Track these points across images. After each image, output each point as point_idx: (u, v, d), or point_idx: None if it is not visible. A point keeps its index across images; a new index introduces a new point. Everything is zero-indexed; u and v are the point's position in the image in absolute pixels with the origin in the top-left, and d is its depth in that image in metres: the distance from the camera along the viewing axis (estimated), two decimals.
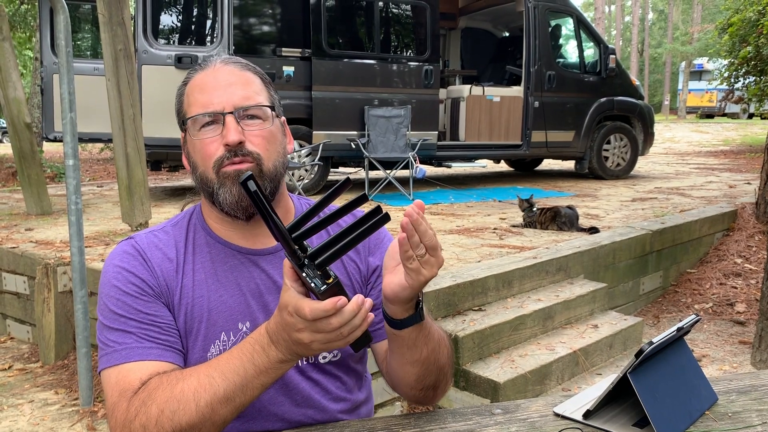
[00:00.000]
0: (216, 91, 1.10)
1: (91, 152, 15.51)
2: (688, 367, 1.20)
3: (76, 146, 3.12)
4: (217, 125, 1.10)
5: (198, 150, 1.12)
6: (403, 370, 1.11)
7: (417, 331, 1.05)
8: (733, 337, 4.17)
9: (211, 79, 1.12)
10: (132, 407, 0.97)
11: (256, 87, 1.14)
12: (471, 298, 3.41)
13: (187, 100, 1.14)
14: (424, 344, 1.08)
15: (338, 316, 0.86)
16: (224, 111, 1.09)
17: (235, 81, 1.12)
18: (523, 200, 5.09)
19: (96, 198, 6.98)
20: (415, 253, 0.94)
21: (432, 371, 1.11)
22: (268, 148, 1.12)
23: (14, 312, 4.12)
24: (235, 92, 1.10)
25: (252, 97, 1.12)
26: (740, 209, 5.82)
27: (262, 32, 6.72)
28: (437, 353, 1.10)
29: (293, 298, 0.87)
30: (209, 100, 1.10)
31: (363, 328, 0.89)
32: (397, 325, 1.04)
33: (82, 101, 4.19)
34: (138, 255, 1.11)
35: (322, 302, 0.85)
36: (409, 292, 0.98)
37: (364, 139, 6.77)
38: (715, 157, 12.58)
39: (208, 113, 1.10)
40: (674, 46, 34.09)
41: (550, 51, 7.94)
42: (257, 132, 1.11)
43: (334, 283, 0.86)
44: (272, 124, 1.14)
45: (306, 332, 0.88)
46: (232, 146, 1.08)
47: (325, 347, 0.90)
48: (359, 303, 0.87)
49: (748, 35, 11.08)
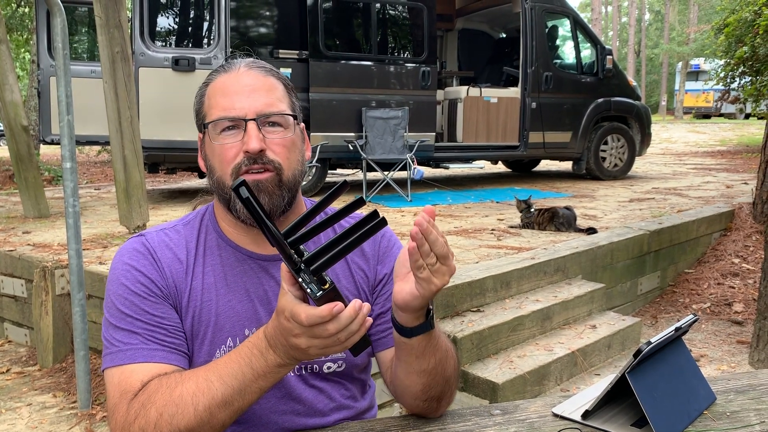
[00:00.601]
0: (239, 95, 1.08)
1: (89, 155, 15.49)
2: (686, 366, 1.20)
3: (73, 149, 3.11)
4: (238, 131, 1.08)
5: (217, 154, 1.10)
6: (409, 379, 1.09)
7: (426, 340, 1.03)
8: (731, 337, 4.18)
9: (234, 83, 1.10)
10: (132, 409, 0.97)
11: (279, 93, 1.12)
12: (469, 299, 3.41)
13: (208, 102, 1.12)
14: (432, 354, 1.06)
15: (335, 321, 0.85)
16: (246, 117, 1.07)
17: (259, 87, 1.10)
18: (520, 201, 5.09)
19: (93, 201, 6.97)
20: (425, 263, 0.92)
21: (438, 382, 1.09)
22: (289, 156, 1.10)
23: (12, 315, 4.11)
24: (258, 98, 1.09)
25: (275, 104, 1.10)
26: (737, 209, 5.83)
27: (259, 34, 6.71)
28: (444, 364, 1.09)
29: (290, 303, 0.87)
30: (231, 104, 1.08)
31: (361, 333, 0.88)
32: (407, 333, 1.02)
33: (79, 104, 4.18)
34: (148, 254, 1.10)
35: (318, 308, 0.84)
36: (419, 301, 0.96)
37: (361, 141, 6.77)
38: (712, 158, 12.60)
39: (229, 118, 1.08)
40: (671, 46, 34.16)
41: (547, 52, 7.96)
42: (279, 141, 1.09)
43: (330, 288, 0.85)
44: (293, 132, 1.12)
45: (303, 338, 0.87)
46: (253, 154, 1.06)
47: (323, 352, 0.89)
48: (356, 308, 0.86)
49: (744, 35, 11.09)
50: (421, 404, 1.13)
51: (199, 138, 1.17)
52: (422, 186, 7.73)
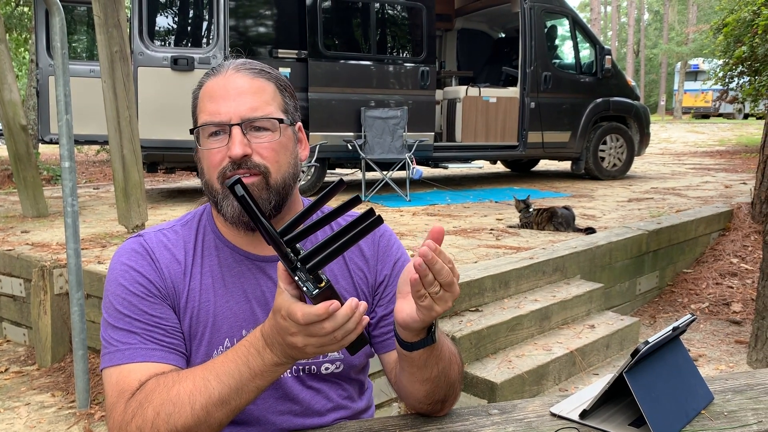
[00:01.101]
0: (225, 100, 1.07)
1: (87, 154, 15.47)
2: (683, 366, 1.20)
3: (72, 148, 3.11)
4: (224, 135, 1.08)
5: (205, 159, 1.10)
6: (413, 387, 1.09)
7: (428, 352, 1.03)
8: (729, 337, 4.18)
9: (221, 87, 1.09)
10: (129, 409, 0.97)
11: (267, 96, 1.11)
12: (468, 299, 3.41)
13: (199, 106, 1.12)
14: (435, 364, 1.05)
15: (331, 320, 0.84)
16: (231, 122, 1.06)
17: (246, 90, 1.09)
18: (519, 201, 5.09)
19: (92, 200, 6.96)
20: (428, 291, 0.90)
21: (442, 387, 1.09)
22: (278, 159, 1.10)
23: (10, 315, 4.11)
24: (243, 102, 1.07)
25: (261, 107, 1.08)
26: (736, 209, 5.83)
27: (258, 34, 6.71)
28: (447, 371, 1.08)
29: (286, 302, 0.86)
30: (217, 109, 1.07)
31: (357, 331, 0.88)
32: (408, 347, 1.01)
33: (77, 103, 4.18)
34: (146, 254, 1.10)
35: (314, 306, 0.84)
36: (419, 324, 0.95)
37: (360, 141, 6.77)
38: (711, 158, 12.61)
39: (214, 123, 1.07)
40: (670, 46, 34.16)
41: (546, 52, 7.96)
42: (266, 144, 1.08)
43: (326, 287, 0.84)
44: (281, 135, 1.10)
45: (299, 336, 0.87)
46: (236, 160, 1.06)
47: (320, 351, 0.89)
48: (353, 307, 0.85)
49: (743, 35, 11.11)
50: (425, 407, 1.13)
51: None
52: (421, 186, 7.73)
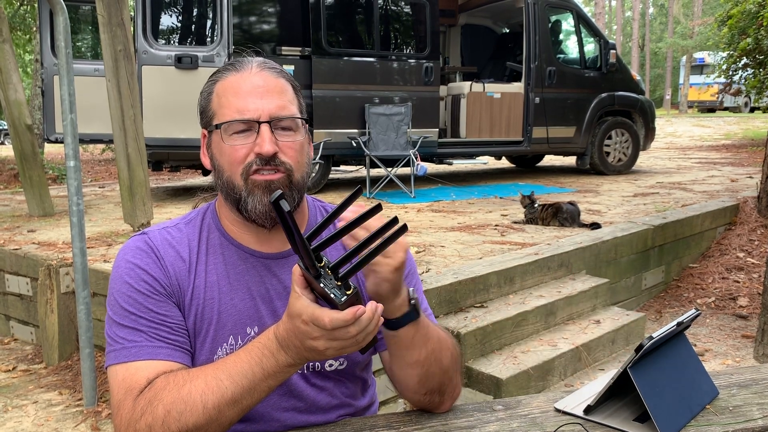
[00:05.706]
0: (252, 97, 1.08)
1: (93, 153, 15.53)
2: (688, 361, 1.20)
3: (77, 147, 3.12)
4: (250, 132, 1.08)
5: (226, 154, 1.09)
6: (404, 372, 1.10)
7: (414, 330, 1.05)
8: (735, 332, 4.17)
9: (246, 84, 1.09)
10: (138, 406, 0.98)
11: (290, 96, 1.12)
12: (473, 295, 3.42)
13: (218, 101, 1.11)
14: (423, 344, 1.07)
15: (356, 324, 0.88)
16: (260, 119, 1.07)
17: (272, 88, 1.10)
18: (524, 196, 5.09)
19: (98, 199, 6.99)
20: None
21: (434, 373, 1.10)
22: (299, 159, 1.11)
23: (17, 313, 4.13)
24: (271, 100, 1.08)
25: (287, 107, 1.10)
26: (742, 203, 5.81)
27: (261, 31, 6.71)
28: (438, 354, 1.09)
29: (308, 308, 0.88)
30: (245, 105, 1.07)
31: (374, 332, 0.91)
32: (393, 324, 1.03)
33: (82, 102, 4.20)
34: (151, 252, 1.10)
35: (342, 312, 0.87)
36: (388, 285, 0.97)
37: (364, 137, 6.77)
38: (717, 152, 12.55)
39: (243, 120, 1.07)
40: (675, 40, 33.97)
41: (550, 47, 7.93)
42: (290, 144, 1.09)
43: (354, 293, 0.88)
44: (302, 135, 1.12)
45: (322, 340, 0.90)
46: (266, 156, 1.06)
47: (339, 353, 0.92)
48: (374, 310, 0.89)
49: (748, 27, 11.05)
50: (422, 398, 1.13)
51: (203, 135, 1.15)
52: (425, 182, 7.73)
